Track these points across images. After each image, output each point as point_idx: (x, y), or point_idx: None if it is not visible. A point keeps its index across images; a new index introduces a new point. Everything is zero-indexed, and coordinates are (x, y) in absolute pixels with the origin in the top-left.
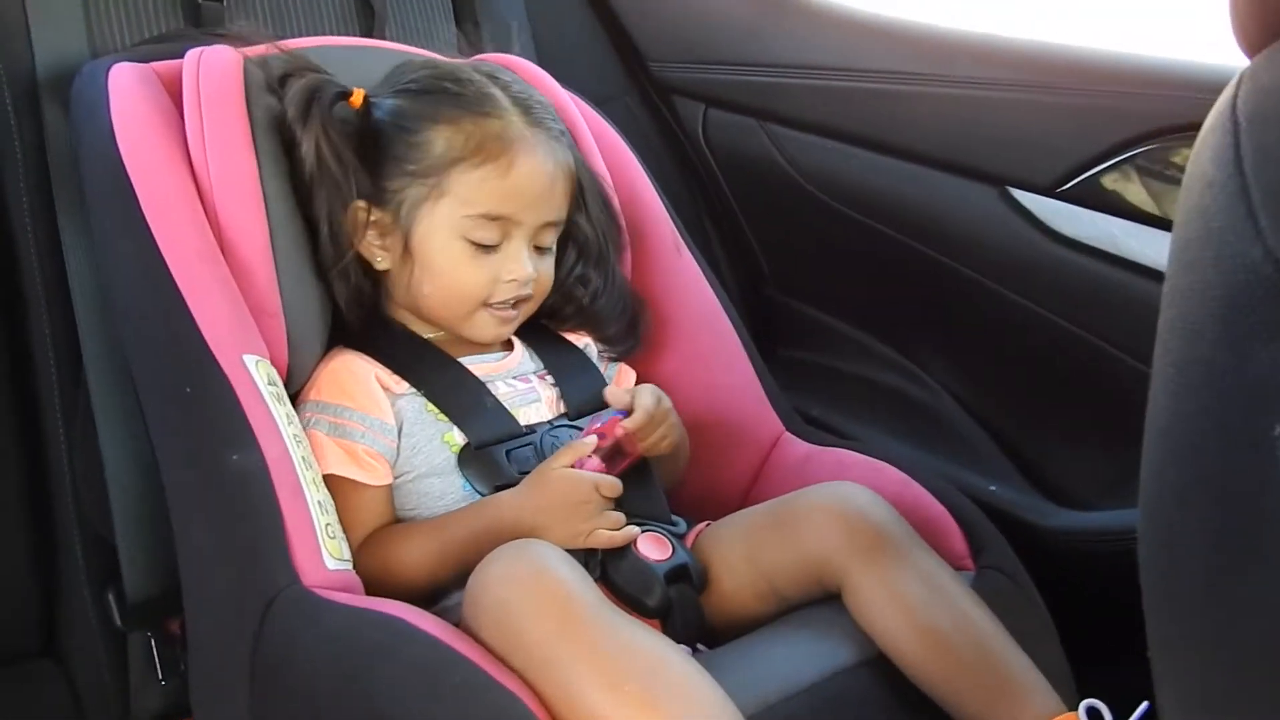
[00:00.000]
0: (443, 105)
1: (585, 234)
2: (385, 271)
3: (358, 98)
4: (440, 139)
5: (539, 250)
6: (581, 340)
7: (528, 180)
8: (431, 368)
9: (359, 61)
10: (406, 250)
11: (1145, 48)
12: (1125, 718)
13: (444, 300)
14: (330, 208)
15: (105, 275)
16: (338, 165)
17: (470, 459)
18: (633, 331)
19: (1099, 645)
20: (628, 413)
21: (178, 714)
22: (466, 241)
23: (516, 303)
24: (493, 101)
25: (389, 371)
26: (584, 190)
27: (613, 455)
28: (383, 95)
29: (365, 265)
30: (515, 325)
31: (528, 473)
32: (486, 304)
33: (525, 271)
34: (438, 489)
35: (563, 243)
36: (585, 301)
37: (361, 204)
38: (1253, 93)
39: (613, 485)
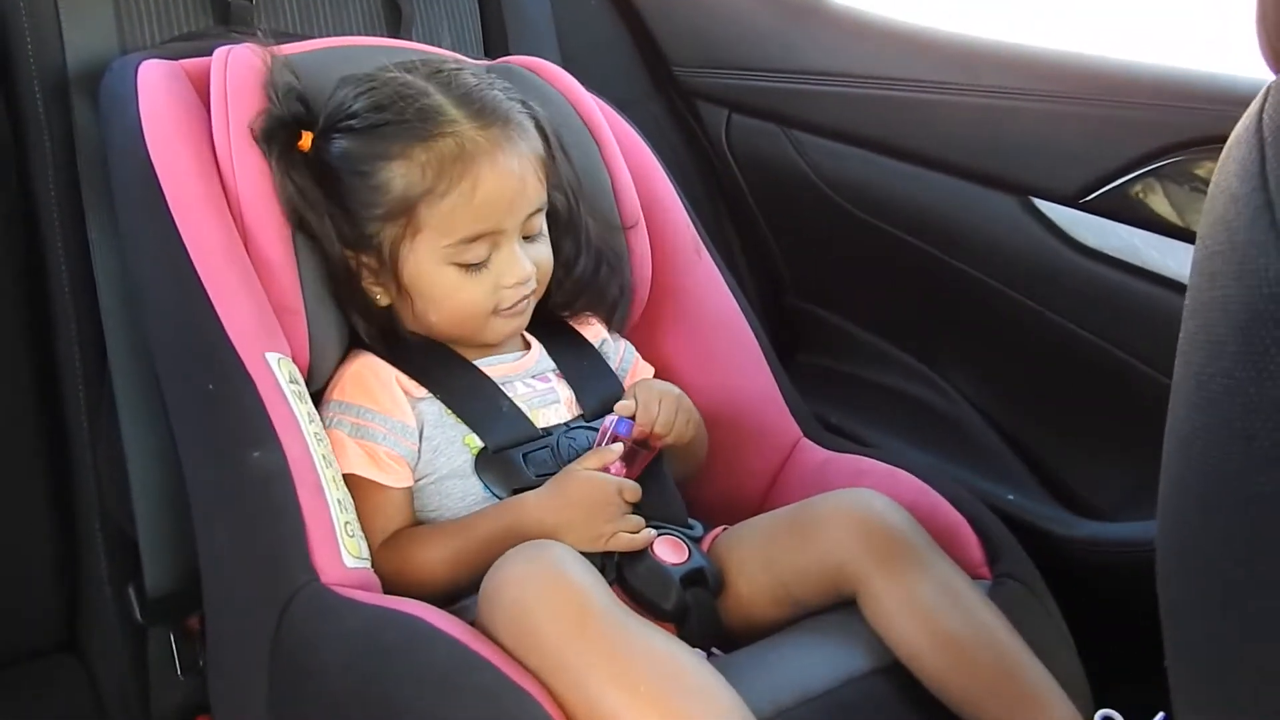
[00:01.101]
0: (388, 139)
1: (556, 203)
2: (391, 305)
3: (306, 141)
4: (397, 177)
5: (529, 239)
6: (598, 338)
7: (497, 191)
8: (448, 373)
9: (384, 62)
10: (401, 288)
11: (1170, 59)
12: None
13: (453, 321)
14: (328, 256)
15: (130, 271)
16: (312, 214)
17: (487, 462)
18: (622, 289)
19: (1116, 655)
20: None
21: (197, 710)
22: (456, 266)
23: (524, 296)
24: (438, 117)
25: (408, 375)
26: (552, 156)
27: (631, 456)
28: (329, 136)
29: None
30: (529, 315)
31: (545, 475)
32: (495, 312)
33: (524, 271)
34: (459, 490)
35: None
36: (562, 273)
37: (349, 253)
38: None
39: (634, 490)
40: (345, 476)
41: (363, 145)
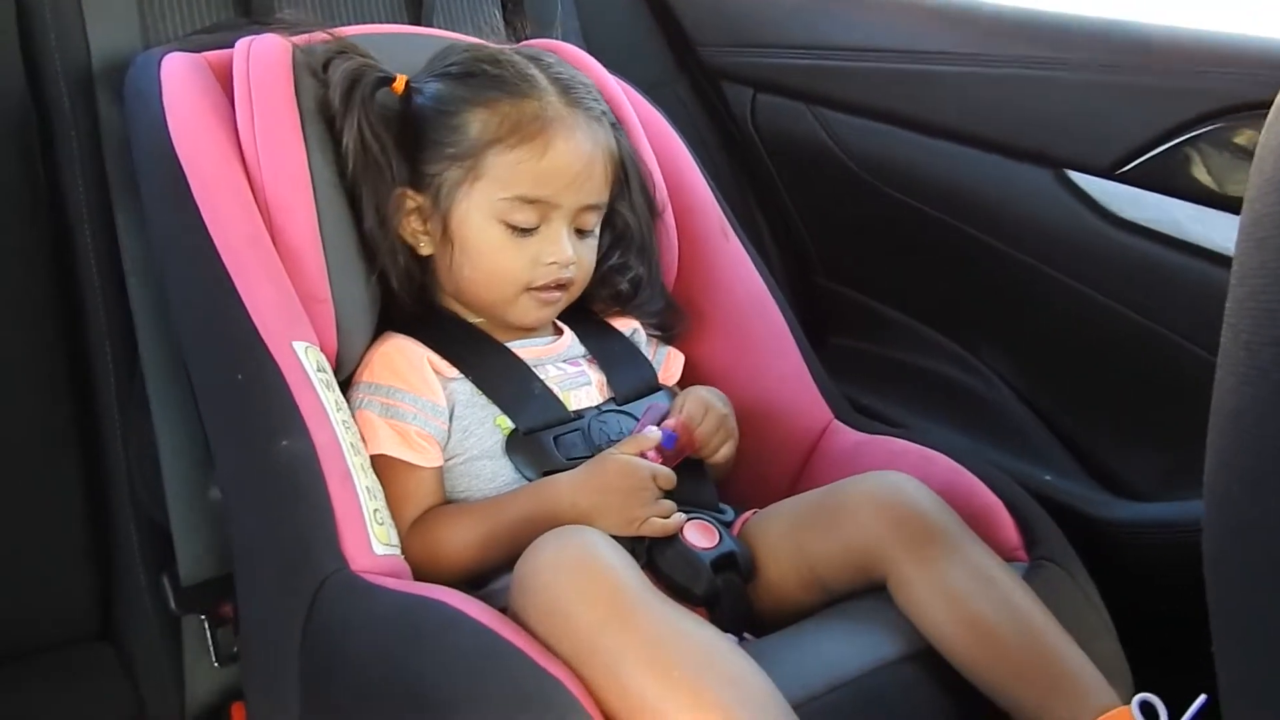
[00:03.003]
0: (481, 87)
1: (625, 221)
2: (430, 257)
3: (400, 84)
4: (477, 121)
5: (580, 233)
6: (629, 327)
7: (565, 161)
8: (479, 354)
9: (407, 49)
10: (445, 234)
11: (1208, 24)
12: (1181, 713)
13: (485, 284)
14: (376, 194)
15: (158, 263)
16: (380, 152)
17: (518, 444)
18: (680, 317)
19: (1156, 639)
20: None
21: (232, 696)
22: (504, 225)
23: (558, 286)
24: (531, 82)
25: (440, 355)
26: (628, 178)
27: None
28: (424, 80)
29: (412, 251)
30: (559, 309)
31: (575, 458)
32: (529, 288)
33: (565, 254)
34: (489, 471)
35: (600, 229)
36: (625, 289)
37: (401, 190)
38: None
39: (669, 477)
40: (376, 457)
41: (455, 88)
